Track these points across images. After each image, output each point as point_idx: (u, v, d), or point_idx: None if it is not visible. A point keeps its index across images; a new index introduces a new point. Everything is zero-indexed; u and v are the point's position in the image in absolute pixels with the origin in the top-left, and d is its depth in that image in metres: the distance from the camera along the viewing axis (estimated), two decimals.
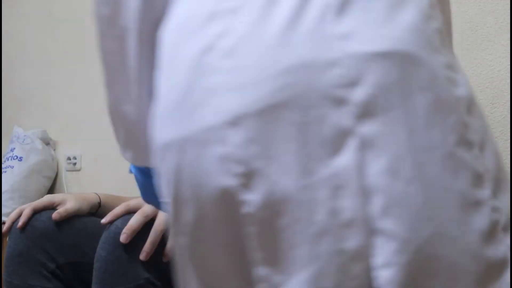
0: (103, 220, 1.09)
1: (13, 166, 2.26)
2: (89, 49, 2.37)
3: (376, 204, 0.58)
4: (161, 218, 1.06)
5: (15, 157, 2.28)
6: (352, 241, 0.59)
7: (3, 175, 2.24)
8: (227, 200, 0.63)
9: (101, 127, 2.32)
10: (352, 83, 0.58)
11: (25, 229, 1.24)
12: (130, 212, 1.08)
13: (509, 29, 1.47)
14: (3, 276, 1.24)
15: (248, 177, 0.61)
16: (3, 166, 2.28)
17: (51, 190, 2.37)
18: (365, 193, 0.58)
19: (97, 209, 1.36)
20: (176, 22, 0.69)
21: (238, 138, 0.61)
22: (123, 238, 1.03)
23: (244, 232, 0.63)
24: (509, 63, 1.45)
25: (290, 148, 0.59)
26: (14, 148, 2.30)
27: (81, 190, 2.28)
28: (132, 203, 1.09)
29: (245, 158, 0.61)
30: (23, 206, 1.27)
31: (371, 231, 0.58)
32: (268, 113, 0.60)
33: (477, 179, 0.61)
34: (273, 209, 0.61)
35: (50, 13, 2.50)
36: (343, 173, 0.58)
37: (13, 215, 1.27)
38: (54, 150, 2.40)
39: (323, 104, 0.58)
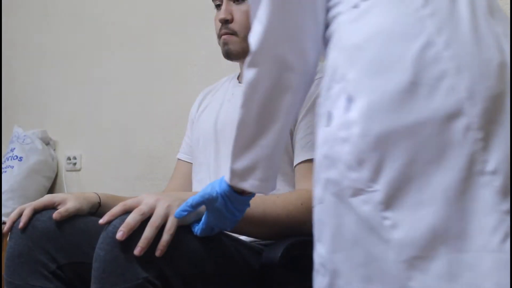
0: (101, 221, 1.08)
1: (13, 166, 2.26)
2: (90, 49, 2.38)
3: None
4: (158, 214, 1.06)
5: (15, 157, 2.28)
6: None
7: (3, 175, 2.25)
8: (471, 165, 0.77)
9: (101, 127, 2.33)
10: None
11: (26, 229, 1.24)
12: (127, 212, 1.08)
13: (509, 29, 1.47)
14: (4, 276, 1.25)
15: (487, 140, 0.78)
16: (3, 166, 2.28)
17: (51, 190, 2.37)
18: None
19: (97, 209, 1.36)
20: (376, 32, 0.84)
21: (477, 109, 0.78)
22: (119, 235, 1.03)
23: (487, 187, 0.78)
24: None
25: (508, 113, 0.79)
26: (14, 148, 2.30)
27: (81, 190, 2.29)
28: (129, 202, 1.09)
29: (484, 125, 0.78)
30: (23, 206, 1.27)
31: None
32: (494, 86, 0.79)
33: None
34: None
35: (51, 14, 2.50)
36: None
37: (13, 215, 1.26)
38: (54, 150, 2.41)
39: None
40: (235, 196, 1.04)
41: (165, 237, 1.05)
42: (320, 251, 0.88)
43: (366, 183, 0.80)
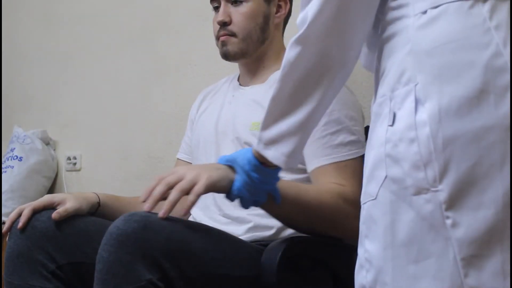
0: (141, 198, 1.11)
1: (13, 166, 2.26)
2: (90, 49, 2.38)
3: None
4: (186, 179, 1.08)
5: (15, 157, 2.28)
6: None
7: (3, 175, 2.25)
8: None
9: (101, 127, 2.33)
10: None
11: (25, 229, 1.24)
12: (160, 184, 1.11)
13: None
14: (3, 276, 1.25)
15: None
16: (3, 166, 2.28)
17: (51, 190, 2.37)
18: None
19: (97, 209, 1.36)
20: (446, 39, 0.87)
21: None
22: (146, 207, 1.06)
23: None
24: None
25: None
26: (14, 148, 2.30)
27: (81, 190, 2.28)
28: (164, 174, 1.12)
29: None
30: (23, 206, 1.27)
31: None
32: None
33: None
34: None
35: (51, 13, 2.50)
36: None
37: (13, 215, 1.27)
38: (54, 150, 2.40)
39: None
40: (257, 164, 1.10)
41: (191, 197, 1.07)
42: (368, 247, 0.91)
43: (431, 183, 0.84)
